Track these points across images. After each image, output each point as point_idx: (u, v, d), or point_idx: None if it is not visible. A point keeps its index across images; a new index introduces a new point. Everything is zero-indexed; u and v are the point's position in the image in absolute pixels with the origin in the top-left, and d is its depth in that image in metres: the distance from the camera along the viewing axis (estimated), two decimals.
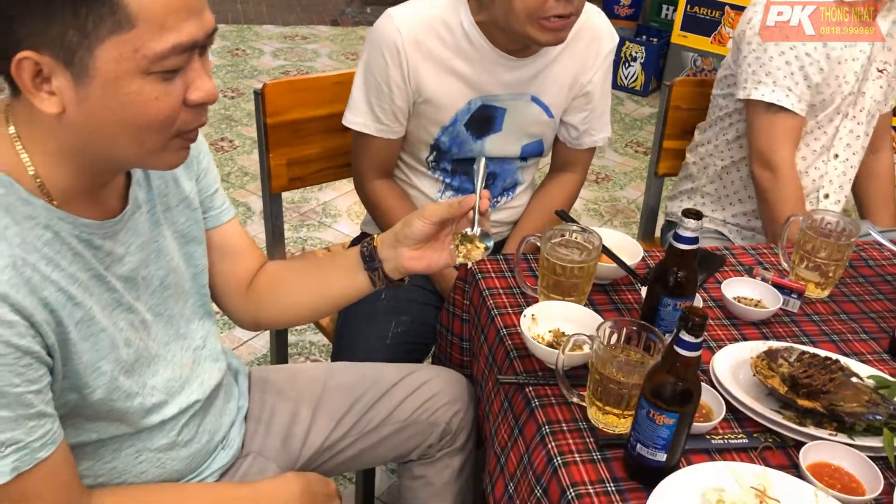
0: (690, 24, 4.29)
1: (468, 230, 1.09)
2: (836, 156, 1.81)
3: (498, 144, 1.62)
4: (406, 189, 1.68)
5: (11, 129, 0.85)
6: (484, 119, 1.57)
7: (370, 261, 1.11)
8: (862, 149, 1.84)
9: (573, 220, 1.38)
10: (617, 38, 1.64)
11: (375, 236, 1.14)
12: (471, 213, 1.07)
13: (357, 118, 1.56)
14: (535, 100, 1.58)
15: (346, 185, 3.32)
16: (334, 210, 3.23)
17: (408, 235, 1.08)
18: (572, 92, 1.62)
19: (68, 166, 0.86)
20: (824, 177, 1.80)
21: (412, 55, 1.47)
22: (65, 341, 0.88)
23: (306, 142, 1.76)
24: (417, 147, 1.62)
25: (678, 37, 4.41)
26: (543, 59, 1.54)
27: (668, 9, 4.69)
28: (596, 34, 1.59)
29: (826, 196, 1.80)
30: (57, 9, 0.74)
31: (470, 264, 1.36)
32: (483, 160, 1.15)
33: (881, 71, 1.77)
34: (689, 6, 4.33)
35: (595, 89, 1.64)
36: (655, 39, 4.59)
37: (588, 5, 1.48)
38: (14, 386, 0.81)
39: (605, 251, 1.31)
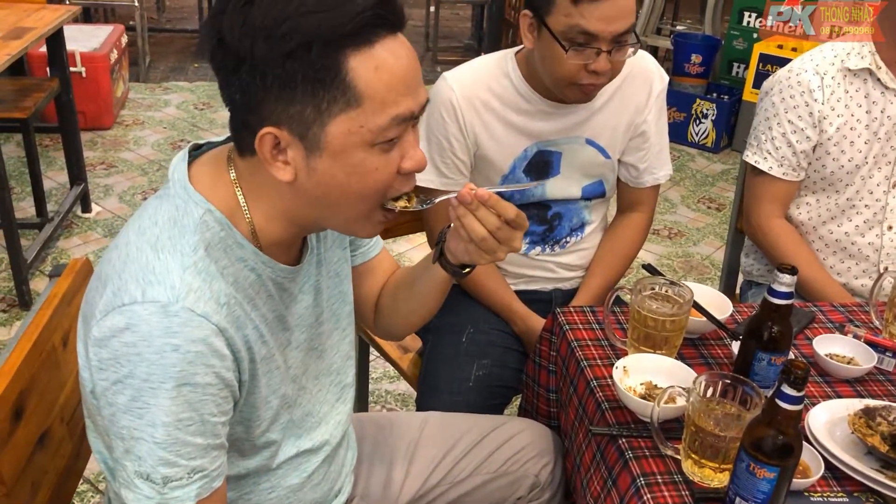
0: (763, 82, 4.29)
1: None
2: (891, 227, 1.77)
3: (558, 187, 1.67)
4: None
5: (232, 175, 0.92)
6: (542, 164, 1.64)
7: (438, 239, 1.11)
8: None
9: (660, 274, 1.40)
10: (667, 79, 1.70)
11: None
12: (451, 195, 1.00)
13: (422, 175, 1.60)
14: (589, 142, 1.64)
15: (419, 237, 3.39)
16: (408, 261, 3.29)
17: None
18: (628, 133, 1.68)
19: (283, 222, 0.93)
20: (880, 251, 1.76)
21: (467, 110, 1.57)
22: (254, 377, 0.94)
23: None
24: None
25: (750, 94, 4.41)
26: (593, 103, 1.60)
27: (738, 66, 4.71)
28: (647, 76, 1.65)
29: (885, 269, 1.76)
30: (299, 92, 0.83)
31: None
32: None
33: None
34: (761, 64, 4.34)
35: (650, 128, 1.69)
36: (726, 97, 4.59)
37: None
38: (213, 416, 0.87)
39: (695, 305, 1.32)
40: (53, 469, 1.09)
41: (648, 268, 1.46)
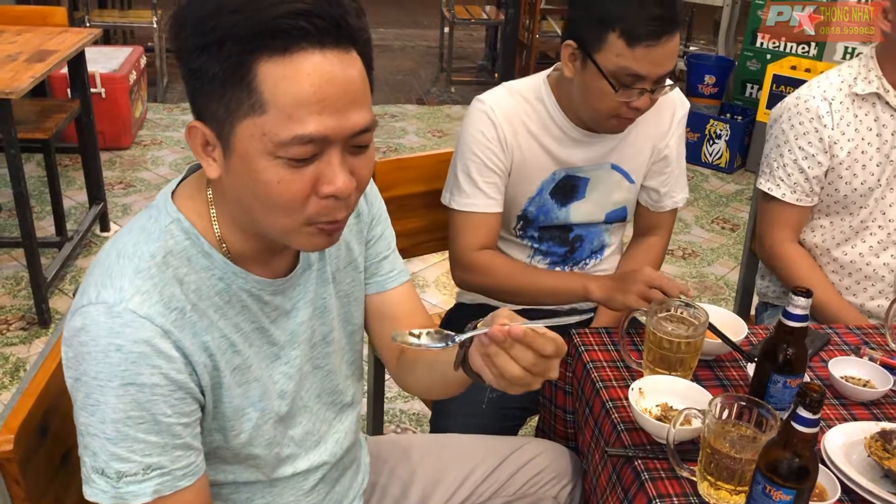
0: (776, 103, 4.29)
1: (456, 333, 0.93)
2: None
3: (582, 211, 1.69)
4: None
5: (209, 193, 0.95)
6: (568, 188, 1.65)
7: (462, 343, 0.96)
8: None
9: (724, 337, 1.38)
10: (688, 105, 1.72)
11: (481, 321, 0.96)
12: (481, 329, 0.90)
13: (466, 199, 1.61)
14: (615, 167, 1.66)
15: (435, 257, 3.40)
16: (423, 281, 3.30)
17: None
18: (652, 157, 1.70)
19: (239, 230, 0.94)
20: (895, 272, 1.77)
21: (507, 127, 1.58)
22: (218, 384, 0.95)
23: (412, 216, 1.84)
24: (507, 218, 1.69)
25: (764, 115, 4.42)
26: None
27: (752, 87, 4.72)
28: (670, 102, 1.67)
29: None
30: (210, 88, 0.84)
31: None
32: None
33: None
34: (774, 85, 4.35)
35: (672, 153, 1.71)
36: (740, 117, 4.60)
37: None
38: (166, 416, 0.88)
39: (710, 327, 1.33)
40: (75, 486, 1.10)
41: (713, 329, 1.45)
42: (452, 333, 0.93)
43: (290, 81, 0.81)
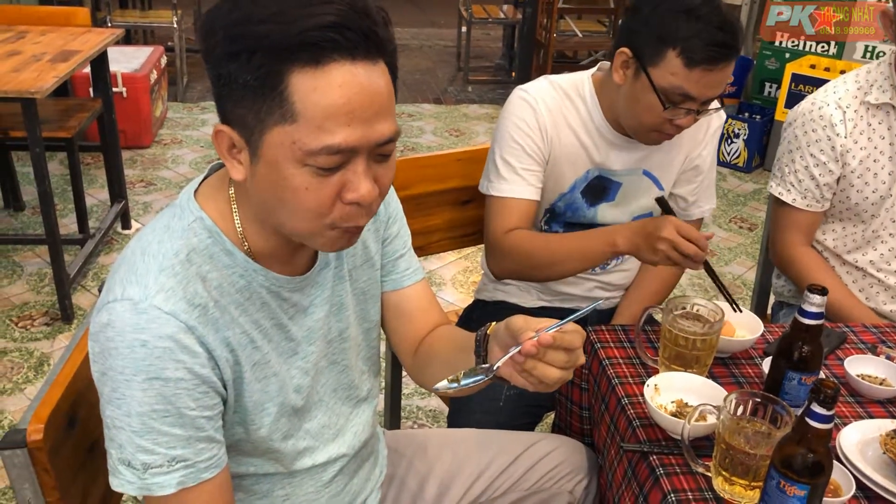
0: (795, 102, 4.27)
1: (480, 367, 0.95)
2: None
3: (609, 213, 1.69)
4: None
5: (231, 191, 0.97)
6: (599, 188, 1.66)
7: (478, 345, 1.02)
8: None
9: (670, 209, 1.45)
10: (724, 116, 1.71)
11: (493, 324, 1.02)
12: (512, 349, 0.92)
13: (503, 185, 1.60)
14: (646, 173, 1.66)
15: (451, 256, 3.42)
16: (439, 279, 3.32)
17: (496, 338, 0.99)
18: (683, 166, 1.70)
19: (261, 229, 0.97)
20: None
21: (548, 118, 1.58)
22: (239, 379, 0.98)
23: (428, 214, 1.86)
24: (537, 211, 1.69)
25: (782, 114, 4.40)
26: None
27: (770, 86, 4.70)
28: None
29: None
30: (241, 95, 0.85)
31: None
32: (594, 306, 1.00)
33: None
34: (793, 84, 4.33)
35: (704, 163, 1.71)
36: (758, 116, 4.59)
37: None
38: (190, 409, 0.91)
39: (706, 266, 1.38)
40: (102, 475, 1.12)
41: (660, 201, 1.48)
42: (487, 365, 0.96)
43: (321, 93, 0.82)
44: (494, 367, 0.95)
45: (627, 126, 1.55)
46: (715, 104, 1.51)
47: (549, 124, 1.58)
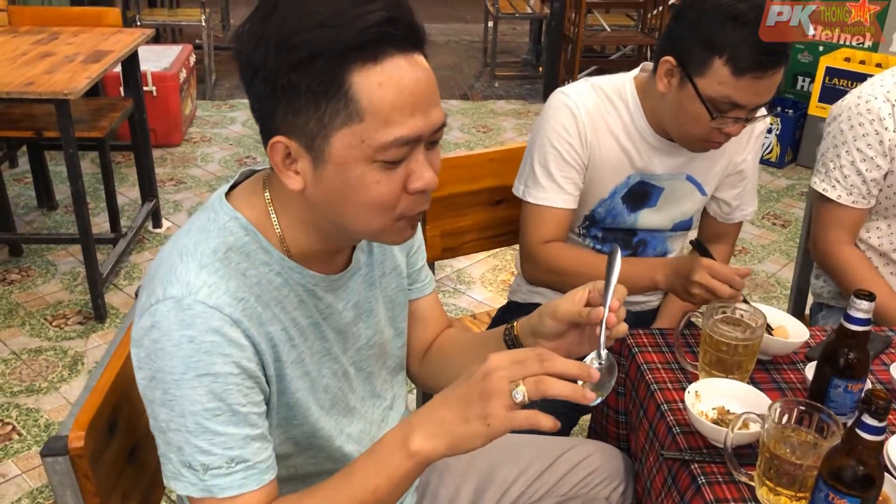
0: (829, 96, 4.21)
1: (591, 359, 0.98)
2: None
3: (651, 219, 1.66)
4: None
5: (267, 195, 0.97)
6: (641, 194, 1.63)
7: (513, 349, 1.07)
8: None
9: (708, 252, 1.42)
10: (769, 120, 1.67)
11: (515, 324, 1.11)
12: (597, 328, 0.99)
13: (541, 193, 1.59)
14: (689, 178, 1.63)
15: (480, 254, 3.41)
16: (468, 277, 3.31)
17: (541, 332, 1.06)
18: (726, 170, 1.67)
19: (308, 232, 0.97)
20: None
21: (588, 124, 1.55)
22: (281, 375, 0.97)
23: (460, 214, 1.85)
24: (574, 217, 1.67)
25: (816, 108, 4.34)
26: None
27: (804, 80, 4.63)
28: None
29: None
30: (304, 103, 0.86)
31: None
32: (618, 254, 1.04)
33: None
34: (827, 78, 4.26)
35: (748, 167, 1.69)
36: (791, 111, 4.51)
37: None
38: (241, 405, 0.90)
39: (696, 246, 1.37)
40: (141, 481, 1.13)
41: (696, 243, 1.46)
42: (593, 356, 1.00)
43: (385, 88, 0.84)
44: (603, 355, 0.98)
45: (673, 134, 1.52)
46: (762, 111, 1.47)
47: (588, 130, 1.55)
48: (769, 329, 1.34)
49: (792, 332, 1.38)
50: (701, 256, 1.40)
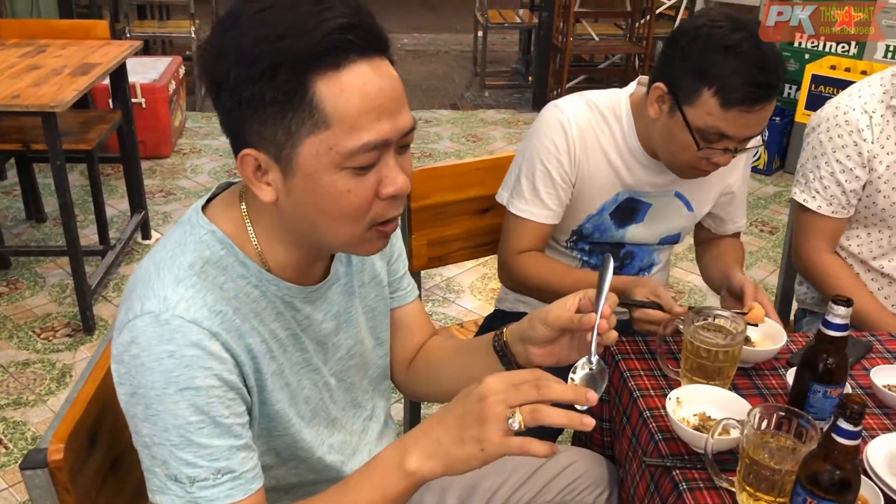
0: (816, 104, 4.24)
1: (582, 364, 1.02)
2: None
3: (638, 234, 1.68)
4: None
5: (243, 207, 0.98)
6: (628, 210, 1.64)
7: (503, 355, 1.10)
8: None
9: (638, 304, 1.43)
10: (759, 138, 1.68)
11: (505, 330, 1.12)
12: (588, 334, 1.01)
13: (524, 206, 1.60)
14: (678, 195, 1.64)
15: (469, 262, 3.41)
16: (457, 286, 3.32)
17: (532, 338, 1.06)
18: (720, 192, 1.70)
19: (284, 243, 0.97)
20: None
21: (579, 141, 1.55)
22: (262, 387, 0.98)
23: (446, 223, 1.85)
24: (561, 231, 1.69)
25: (802, 115, 4.36)
26: None
27: (790, 87, 4.66)
28: None
29: None
30: (269, 114, 0.86)
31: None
32: (610, 263, 1.06)
33: None
34: (813, 85, 4.29)
35: (738, 185, 1.72)
36: (778, 118, 4.54)
37: None
38: (224, 417, 0.91)
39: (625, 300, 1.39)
40: (124, 494, 1.13)
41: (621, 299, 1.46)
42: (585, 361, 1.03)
43: (348, 94, 0.85)
44: (594, 360, 1.01)
45: (663, 159, 1.52)
46: (754, 140, 1.46)
47: (578, 147, 1.55)
48: (748, 340, 1.35)
49: (771, 337, 1.38)
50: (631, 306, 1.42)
